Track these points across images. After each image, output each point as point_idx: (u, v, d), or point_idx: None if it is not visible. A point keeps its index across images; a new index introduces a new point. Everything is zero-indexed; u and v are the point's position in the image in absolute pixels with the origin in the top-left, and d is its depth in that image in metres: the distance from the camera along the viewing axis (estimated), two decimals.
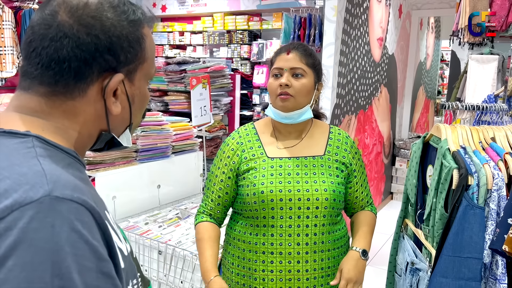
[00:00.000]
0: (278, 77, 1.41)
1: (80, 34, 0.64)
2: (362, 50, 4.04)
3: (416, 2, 5.40)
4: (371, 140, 4.62)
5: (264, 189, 1.37)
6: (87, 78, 0.66)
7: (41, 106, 0.66)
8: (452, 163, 1.30)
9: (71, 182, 0.58)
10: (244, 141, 1.48)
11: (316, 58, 1.45)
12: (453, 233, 1.25)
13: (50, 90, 0.66)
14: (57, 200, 0.54)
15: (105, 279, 0.56)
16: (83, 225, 0.55)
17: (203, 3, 6.23)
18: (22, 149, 0.60)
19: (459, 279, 1.25)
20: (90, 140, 0.72)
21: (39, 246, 0.51)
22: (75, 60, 0.64)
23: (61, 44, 0.63)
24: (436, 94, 7.83)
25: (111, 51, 0.66)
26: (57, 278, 0.51)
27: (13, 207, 0.52)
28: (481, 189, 1.25)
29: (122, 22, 0.68)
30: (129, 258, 0.70)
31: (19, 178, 0.55)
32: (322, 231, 1.39)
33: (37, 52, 0.65)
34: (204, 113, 2.93)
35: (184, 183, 2.66)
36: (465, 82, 2.98)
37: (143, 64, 0.73)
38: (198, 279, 1.86)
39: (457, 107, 1.94)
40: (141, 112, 0.79)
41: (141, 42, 0.71)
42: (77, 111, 0.68)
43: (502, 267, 1.23)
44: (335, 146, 1.49)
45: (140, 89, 0.74)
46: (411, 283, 1.51)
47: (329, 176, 1.42)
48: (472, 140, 1.41)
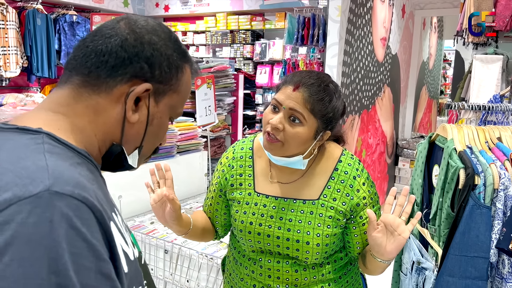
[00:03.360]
0: (275, 111, 1.17)
1: (128, 36, 0.68)
2: (365, 50, 4.05)
3: (419, 2, 5.40)
4: (374, 140, 4.62)
5: (243, 228, 1.27)
6: (118, 76, 0.68)
7: (68, 100, 0.68)
8: (458, 162, 1.30)
9: (74, 178, 0.57)
10: (236, 165, 1.32)
11: (330, 104, 1.16)
12: (459, 232, 1.26)
13: (82, 80, 0.68)
14: (56, 195, 0.53)
15: (104, 280, 0.55)
16: (82, 222, 0.54)
17: (206, 3, 6.24)
18: (31, 145, 0.60)
19: (465, 278, 1.25)
20: (103, 147, 0.72)
21: (37, 242, 0.50)
22: (115, 56, 0.67)
23: (108, 40, 0.68)
24: (439, 94, 7.83)
25: (149, 62, 0.69)
26: (54, 275, 0.50)
27: (11, 200, 0.51)
28: (488, 188, 1.25)
29: (169, 46, 0.72)
30: (136, 264, 0.68)
31: (21, 172, 0.55)
32: (305, 268, 1.26)
33: (86, 44, 0.69)
34: (208, 113, 2.94)
35: (189, 182, 2.67)
36: (469, 82, 2.98)
37: (173, 93, 0.74)
38: (204, 278, 1.87)
39: (463, 107, 1.95)
40: (154, 142, 0.78)
41: (178, 72, 0.74)
42: (99, 109, 0.69)
43: (508, 266, 1.23)
44: (334, 190, 1.24)
45: (162, 116, 0.75)
46: (417, 282, 1.52)
47: (316, 227, 1.21)
48: (478, 140, 1.42)
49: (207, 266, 1.86)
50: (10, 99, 3.20)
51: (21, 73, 4.91)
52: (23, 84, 5.26)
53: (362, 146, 4.30)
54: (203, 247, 1.94)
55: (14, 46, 4.70)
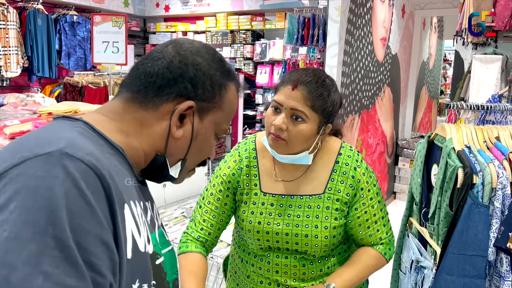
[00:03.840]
0: (276, 112, 1.19)
1: (174, 59, 0.74)
2: (365, 50, 4.06)
3: (419, 2, 5.41)
4: (374, 140, 4.63)
5: (251, 228, 1.28)
6: (164, 96, 0.73)
7: (118, 109, 0.74)
8: (457, 162, 1.31)
9: (89, 149, 0.60)
10: (243, 166, 1.33)
11: (328, 98, 1.19)
12: (458, 231, 1.27)
13: (132, 96, 0.74)
14: (66, 156, 0.57)
15: (102, 246, 0.56)
16: (87, 186, 0.56)
17: (206, 3, 6.25)
18: (68, 126, 0.66)
19: (464, 277, 1.26)
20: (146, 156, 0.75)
21: (40, 194, 0.53)
22: (161, 78, 0.73)
23: (156, 63, 0.74)
24: (439, 94, 7.84)
25: (193, 82, 0.74)
26: (51, 226, 0.52)
27: (27, 157, 0.56)
28: (486, 187, 1.26)
29: (212, 65, 0.77)
30: (145, 258, 0.68)
31: (45, 139, 0.60)
32: (312, 262, 1.30)
33: (138, 67, 0.75)
34: None
35: (190, 182, 2.67)
36: (468, 82, 2.99)
37: (217, 109, 0.78)
38: None
39: (462, 107, 1.96)
40: (198, 156, 0.82)
41: (221, 89, 0.78)
42: (144, 122, 0.73)
43: (506, 265, 1.24)
44: (338, 182, 1.28)
45: (207, 132, 0.79)
46: (415, 280, 1.53)
47: (324, 220, 1.25)
48: (476, 140, 1.42)
49: (207, 265, 1.86)
50: (11, 99, 3.21)
51: (22, 73, 4.92)
52: (24, 84, 5.27)
53: (362, 146, 4.31)
54: None
55: (14, 46, 4.71)
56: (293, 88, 1.17)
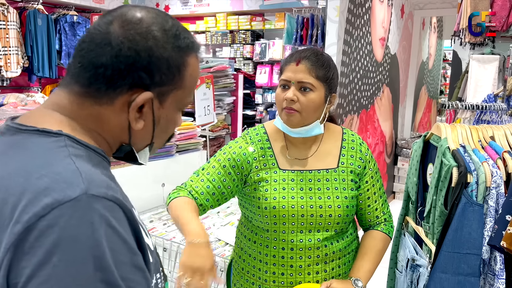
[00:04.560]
0: (285, 89, 1.31)
1: (122, 46, 0.66)
2: (364, 50, 4.07)
3: (418, 2, 5.41)
4: (373, 140, 4.64)
5: (276, 204, 1.31)
6: (118, 88, 0.67)
7: (72, 106, 0.69)
8: (451, 161, 1.32)
9: (104, 180, 0.62)
10: (257, 148, 1.38)
11: (329, 68, 1.32)
12: (452, 229, 1.28)
13: (83, 90, 0.68)
14: (93, 198, 0.57)
15: (137, 272, 0.60)
16: (117, 221, 0.59)
17: (206, 3, 6.26)
18: (55, 148, 0.63)
19: (458, 275, 1.27)
20: (112, 147, 0.74)
21: (81, 242, 0.54)
22: (111, 68, 0.66)
23: (103, 50, 0.66)
24: (439, 93, 7.84)
25: (147, 70, 0.68)
26: (100, 271, 0.54)
27: (53, 205, 0.55)
28: (480, 186, 1.27)
29: (167, 45, 0.69)
30: (155, 253, 0.73)
31: (55, 176, 0.58)
32: (332, 241, 1.36)
33: (82, 53, 0.68)
34: (207, 113, 2.96)
35: None
36: (466, 82, 3.00)
37: (178, 90, 0.73)
38: None
39: (457, 107, 1.97)
40: (165, 136, 0.79)
41: (181, 69, 0.72)
42: (102, 118, 0.69)
43: (500, 263, 1.25)
44: (349, 156, 1.40)
45: (169, 114, 0.75)
46: (411, 279, 1.54)
47: (342, 191, 1.36)
48: (471, 139, 1.44)
49: None
50: (11, 99, 3.22)
51: (22, 73, 4.93)
52: (24, 84, 5.28)
53: None
54: None
55: (15, 46, 4.73)
56: (297, 64, 1.29)
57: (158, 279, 0.72)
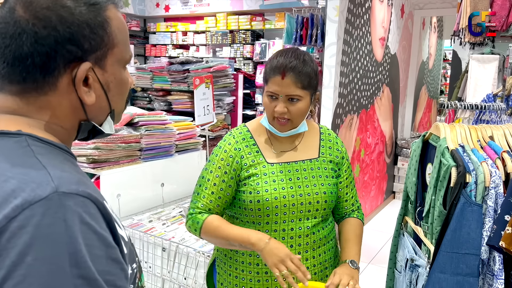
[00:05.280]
0: (273, 99, 1.36)
1: (36, 28, 0.62)
2: (364, 50, 4.06)
3: (418, 2, 5.41)
4: (373, 140, 4.64)
5: (268, 196, 1.37)
6: (54, 71, 0.65)
7: (18, 105, 0.66)
8: (450, 161, 1.32)
9: (73, 177, 0.61)
10: (242, 147, 1.44)
11: (311, 72, 1.36)
12: (451, 229, 1.28)
13: (20, 87, 0.65)
14: (64, 195, 0.57)
15: (114, 264, 0.60)
16: (90, 216, 0.58)
17: (206, 3, 6.26)
18: (18, 149, 0.61)
19: (457, 275, 1.27)
20: (73, 132, 0.72)
21: (55, 240, 0.54)
22: (37, 55, 0.63)
23: (20, 41, 0.63)
24: (439, 93, 7.84)
25: (72, 41, 0.64)
26: (76, 267, 0.54)
27: (23, 206, 0.54)
28: (479, 186, 1.27)
29: (79, 8, 0.65)
30: (129, 244, 0.73)
31: (23, 177, 0.57)
32: (318, 229, 1.44)
33: (1, 52, 0.64)
34: (207, 113, 2.96)
35: (188, 181, 2.69)
36: (466, 81, 3.00)
37: (113, 49, 0.70)
38: (201, 276, 1.89)
39: (456, 106, 1.96)
40: (122, 98, 0.77)
41: (105, 27, 0.68)
42: (52, 106, 0.67)
43: (499, 263, 1.25)
44: (327, 147, 1.51)
45: (115, 75, 0.72)
46: (410, 279, 1.54)
47: (325, 178, 1.45)
48: (470, 139, 1.43)
49: (204, 264, 1.87)
50: None
51: None
52: None
53: (361, 145, 4.32)
54: (200, 245, 1.96)
55: None
56: (283, 77, 1.33)
57: (134, 269, 0.72)
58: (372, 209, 4.85)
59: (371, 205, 4.79)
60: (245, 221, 1.43)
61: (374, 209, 4.92)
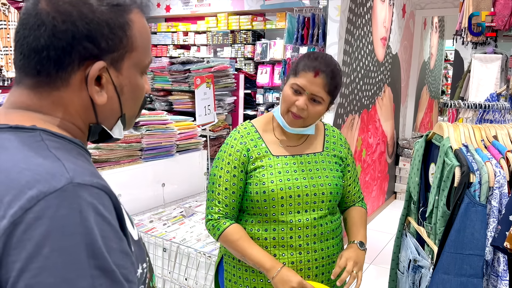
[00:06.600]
0: (296, 93, 1.38)
1: (56, 21, 0.62)
2: (365, 49, 4.05)
3: (419, 2, 5.40)
4: (374, 140, 4.62)
5: (274, 187, 1.40)
6: (68, 67, 0.64)
7: (31, 100, 0.66)
8: (454, 161, 1.31)
9: (87, 169, 0.61)
10: (247, 140, 1.46)
11: (337, 82, 1.42)
12: (455, 230, 1.26)
13: (34, 81, 0.65)
14: (79, 186, 0.56)
15: (126, 257, 0.59)
16: (105, 208, 0.58)
17: (207, 3, 6.25)
18: (33, 143, 0.61)
19: (461, 276, 1.26)
20: (84, 132, 0.72)
21: (71, 231, 0.53)
22: (53, 48, 0.63)
23: (38, 32, 0.63)
24: (440, 93, 7.82)
25: (90, 38, 0.64)
26: (93, 258, 0.54)
27: (38, 197, 0.53)
28: (483, 186, 1.26)
29: (102, 7, 0.65)
30: (139, 243, 0.72)
31: (38, 168, 0.57)
32: (326, 222, 1.46)
33: (20, 43, 0.65)
34: (208, 112, 2.95)
35: (188, 181, 2.68)
36: (468, 81, 2.98)
37: (131, 52, 0.69)
38: (202, 276, 1.88)
39: (459, 106, 1.95)
40: (135, 103, 0.75)
41: (125, 29, 0.67)
42: (64, 102, 0.67)
43: (503, 264, 1.24)
44: (331, 142, 1.56)
45: (130, 79, 0.71)
46: (413, 280, 1.53)
47: (330, 171, 1.49)
48: (474, 138, 1.42)
49: (205, 264, 1.86)
50: None
51: None
52: None
53: (362, 145, 4.30)
54: (201, 246, 1.95)
55: None
56: (315, 75, 1.36)
57: (144, 269, 0.72)
58: (374, 210, 4.83)
59: (372, 206, 4.78)
60: (251, 214, 1.45)
61: (376, 210, 4.90)
